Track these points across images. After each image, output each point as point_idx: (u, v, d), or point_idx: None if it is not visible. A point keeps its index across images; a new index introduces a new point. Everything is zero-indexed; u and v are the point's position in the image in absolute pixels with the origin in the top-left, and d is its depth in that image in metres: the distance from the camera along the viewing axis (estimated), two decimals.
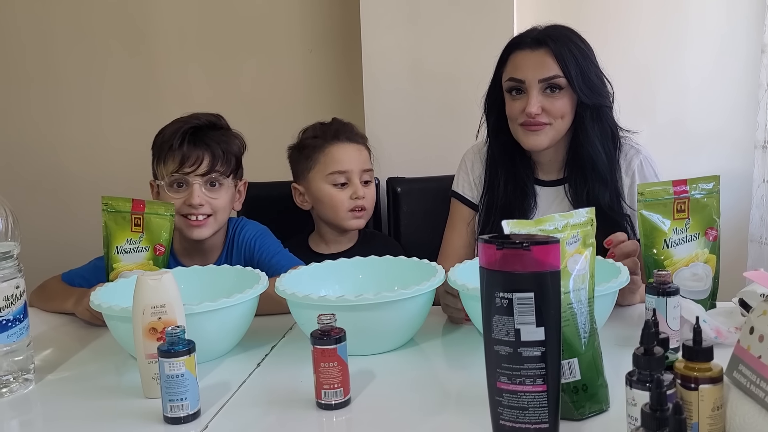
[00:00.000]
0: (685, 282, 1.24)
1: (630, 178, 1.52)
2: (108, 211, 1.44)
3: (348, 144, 1.68)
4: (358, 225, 1.69)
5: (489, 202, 1.59)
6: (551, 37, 1.48)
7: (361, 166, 1.67)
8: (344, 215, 1.66)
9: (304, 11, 2.23)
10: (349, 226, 1.68)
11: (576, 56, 1.48)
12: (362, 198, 1.65)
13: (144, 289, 1.06)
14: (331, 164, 1.66)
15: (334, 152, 1.66)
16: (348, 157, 1.66)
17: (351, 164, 1.66)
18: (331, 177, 1.66)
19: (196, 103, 2.07)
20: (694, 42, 2.06)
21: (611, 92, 1.53)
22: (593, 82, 1.49)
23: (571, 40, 1.50)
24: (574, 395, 0.93)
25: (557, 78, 1.47)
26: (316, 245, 1.76)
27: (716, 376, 0.80)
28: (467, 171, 1.65)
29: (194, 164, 1.50)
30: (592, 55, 1.51)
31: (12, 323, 1.10)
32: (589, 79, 1.49)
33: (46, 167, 2.42)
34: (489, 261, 0.84)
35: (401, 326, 1.21)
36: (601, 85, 1.51)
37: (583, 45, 1.51)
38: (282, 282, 1.24)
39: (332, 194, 1.66)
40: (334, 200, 1.66)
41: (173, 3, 2.29)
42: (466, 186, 1.65)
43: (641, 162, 1.53)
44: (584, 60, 1.49)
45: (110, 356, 1.25)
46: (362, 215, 1.68)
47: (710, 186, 1.26)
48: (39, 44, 2.36)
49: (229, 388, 1.10)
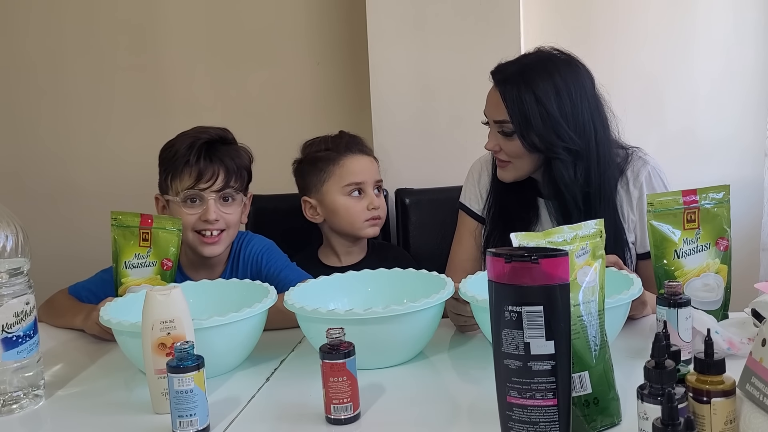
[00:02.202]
0: (696, 293, 1.22)
1: (638, 190, 1.49)
2: (117, 226, 1.45)
3: (361, 156, 1.72)
4: (375, 232, 1.73)
5: (494, 214, 1.58)
6: (508, 78, 1.42)
7: (375, 176, 1.72)
8: (361, 225, 1.70)
9: (312, 24, 2.24)
10: (366, 234, 1.72)
11: (525, 102, 1.38)
12: (378, 208, 1.71)
13: (153, 304, 1.06)
14: (347, 176, 1.69)
15: (348, 164, 1.69)
16: (363, 169, 1.70)
17: (365, 175, 1.70)
18: (348, 188, 1.69)
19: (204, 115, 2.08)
20: (702, 50, 2.06)
21: (591, 131, 1.41)
22: (541, 131, 1.39)
23: (531, 82, 1.39)
24: (586, 409, 0.92)
25: (505, 123, 1.43)
26: (327, 258, 1.77)
27: (729, 389, 0.80)
28: (474, 183, 1.65)
29: (210, 180, 1.50)
30: (564, 95, 1.39)
31: (22, 339, 1.10)
32: (537, 127, 1.39)
33: (55, 180, 2.44)
34: (498, 274, 0.84)
35: (411, 339, 1.20)
36: (552, 133, 1.39)
37: (548, 85, 1.39)
38: (291, 296, 1.24)
39: (349, 205, 1.69)
40: (350, 211, 1.69)
41: (182, 16, 2.31)
42: (473, 198, 1.65)
43: (649, 173, 1.50)
44: (538, 106, 1.38)
45: (120, 372, 1.25)
46: (377, 223, 1.72)
47: (720, 195, 1.25)
48: (49, 58, 2.38)
49: (238, 403, 1.10)
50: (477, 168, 1.66)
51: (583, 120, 1.42)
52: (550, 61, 1.44)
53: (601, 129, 1.44)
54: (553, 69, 1.42)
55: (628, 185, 1.50)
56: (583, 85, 1.43)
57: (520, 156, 1.45)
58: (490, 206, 1.59)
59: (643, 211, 1.46)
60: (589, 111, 1.43)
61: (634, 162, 1.51)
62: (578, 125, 1.41)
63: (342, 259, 1.75)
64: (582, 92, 1.42)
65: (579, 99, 1.41)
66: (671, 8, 2.06)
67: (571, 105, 1.40)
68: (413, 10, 2.03)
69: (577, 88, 1.42)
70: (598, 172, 1.44)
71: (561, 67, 1.43)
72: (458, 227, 1.68)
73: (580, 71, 1.45)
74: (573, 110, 1.40)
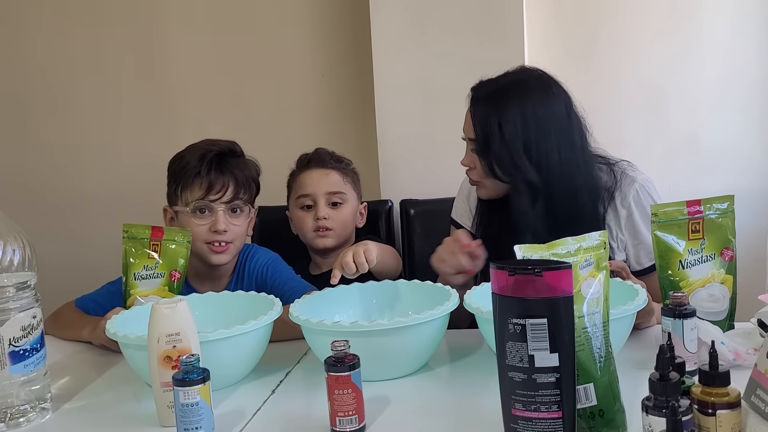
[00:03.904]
0: (701, 303, 1.22)
1: (626, 209, 1.44)
2: (128, 238, 1.46)
3: (315, 170, 1.76)
4: (324, 244, 1.74)
5: (483, 232, 1.55)
6: (480, 98, 1.42)
7: (327, 188, 1.74)
8: (311, 235, 1.74)
9: (316, 36, 2.26)
10: (317, 245, 1.75)
11: (489, 125, 1.37)
12: (323, 219, 1.72)
13: (159, 317, 1.07)
14: (298, 189, 1.76)
15: (301, 178, 1.76)
16: (312, 182, 1.74)
17: (315, 188, 1.73)
18: (299, 200, 1.75)
19: (211, 127, 2.10)
20: (706, 59, 2.06)
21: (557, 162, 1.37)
22: (499, 157, 1.37)
23: (499, 106, 1.37)
24: (591, 421, 0.91)
25: (474, 141, 1.43)
26: (312, 269, 1.81)
27: (734, 401, 0.79)
28: (464, 199, 1.64)
29: (220, 191, 1.52)
30: (531, 123, 1.36)
31: (29, 353, 1.11)
32: (495, 153, 1.37)
33: (63, 192, 2.45)
34: (501, 287, 0.84)
35: (415, 351, 1.21)
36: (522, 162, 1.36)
37: (515, 112, 1.36)
38: (296, 308, 1.24)
39: (299, 216, 1.76)
40: (300, 222, 1.75)
41: (187, 30, 2.33)
42: (463, 214, 1.64)
43: (637, 191, 1.44)
44: (500, 131, 1.36)
45: (126, 384, 1.26)
46: (327, 234, 1.73)
47: (725, 206, 1.25)
48: (58, 72, 2.41)
49: (243, 416, 1.10)
50: (467, 184, 1.63)
51: (546, 149, 1.37)
52: (525, 84, 1.41)
53: (570, 156, 1.39)
54: (525, 94, 1.39)
55: (616, 205, 1.45)
56: (553, 111, 1.39)
57: (487, 177, 1.43)
58: (478, 224, 1.58)
59: (634, 230, 1.45)
60: (555, 139, 1.38)
61: (623, 180, 1.46)
62: (540, 155, 1.37)
63: (323, 267, 1.78)
64: (550, 119, 1.38)
65: (546, 127, 1.37)
66: (674, 17, 2.06)
67: (536, 133, 1.37)
68: (417, 21, 2.04)
69: (546, 115, 1.38)
70: (567, 201, 1.39)
71: (534, 93, 1.39)
72: None
73: (552, 96, 1.40)
74: (536, 139, 1.37)
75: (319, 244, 1.74)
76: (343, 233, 1.75)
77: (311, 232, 1.73)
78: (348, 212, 1.75)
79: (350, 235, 1.79)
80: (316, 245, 1.74)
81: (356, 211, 1.79)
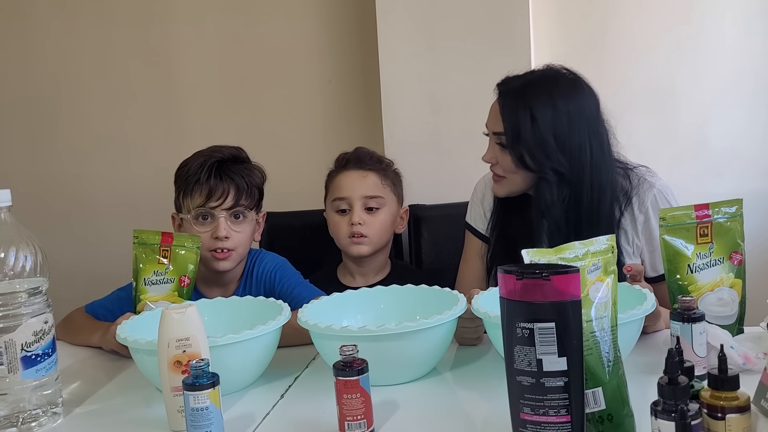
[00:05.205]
0: (710, 307, 1.22)
1: (644, 215, 1.46)
2: (138, 244, 1.47)
3: (353, 171, 1.68)
4: (359, 251, 1.67)
5: (497, 234, 1.56)
6: (510, 91, 1.42)
7: (364, 192, 1.66)
8: (345, 241, 1.67)
9: (323, 42, 2.27)
10: (351, 252, 1.68)
11: (520, 116, 1.38)
12: (358, 224, 1.64)
13: (169, 322, 1.07)
14: (334, 191, 1.69)
15: (338, 180, 1.69)
16: (348, 184, 1.67)
17: (350, 191, 1.66)
18: (334, 204, 1.68)
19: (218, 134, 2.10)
20: (714, 63, 2.06)
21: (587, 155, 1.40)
22: (530, 148, 1.38)
23: (530, 98, 1.39)
24: (600, 425, 0.91)
25: (501, 135, 1.42)
26: (343, 277, 1.75)
27: (743, 404, 0.79)
28: (478, 203, 1.64)
29: (220, 198, 1.52)
30: (561, 116, 1.38)
31: (41, 358, 1.12)
32: (526, 144, 1.38)
33: (72, 200, 2.47)
34: (509, 291, 0.84)
35: (424, 356, 1.21)
36: (552, 152, 1.38)
37: (546, 104, 1.38)
38: (304, 312, 1.24)
39: (335, 221, 1.69)
40: (335, 227, 1.69)
41: (195, 36, 2.34)
42: (477, 218, 1.64)
43: (655, 197, 1.46)
44: (531, 122, 1.37)
45: (136, 389, 1.27)
46: (361, 241, 1.65)
47: (733, 209, 1.25)
48: (66, 80, 2.43)
49: (253, 420, 1.10)
50: (481, 187, 1.66)
51: (578, 143, 1.39)
52: (555, 79, 1.43)
53: (599, 153, 1.41)
54: (554, 88, 1.41)
55: (633, 209, 1.47)
56: (583, 107, 1.41)
57: (513, 171, 1.44)
58: (493, 226, 1.58)
59: (651, 236, 1.45)
60: (587, 134, 1.40)
61: (641, 185, 1.48)
62: (572, 148, 1.39)
63: (356, 279, 1.73)
64: (581, 114, 1.40)
65: (577, 121, 1.39)
66: (682, 22, 2.06)
67: (567, 126, 1.38)
68: (424, 27, 2.05)
69: (577, 110, 1.40)
70: (591, 197, 1.41)
71: (563, 87, 1.41)
72: (465, 246, 1.67)
73: (583, 93, 1.43)
74: (568, 132, 1.39)
75: (354, 252, 1.66)
76: (379, 241, 1.68)
77: (346, 238, 1.66)
78: (385, 218, 1.68)
79: (387, 242, 1.72)
80: (351, 252, 1.67)
81: (396, 216, 1.71)
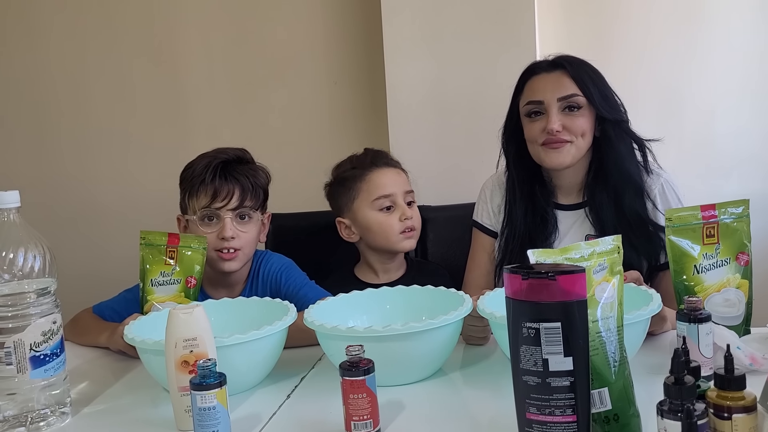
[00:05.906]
0: (717, 308, 1.22)
1: (651, 202, 1.52)
2: (145, 245, 1.48)
3: (387, 168, 1.69)
4: (411, 245, 1.68)
5: (509, 232, 1.59)
6: (566, 60, 1.54)
7: (404, 187, 1.68)
8: (396, 238, 1.66)
9: (329, 43, 2.28)
10: (402, 248, 1.68)
11: (591, 76, 1.52)
12: (411, 218, 1.66)
13: (176, 322, 1.08)
14: (374, 190, 1.66)
15: (375, 178, 1.67)
16: (390, 181, 1.67)
17: (394, 187, 1.66)
18: (378, 202, 1.66)
19: (224, 136, 2.12)
20: (720, 63, 2.06)
21: (624, 112, 1.57)
22: (610, 98, 1.53)
23: (585, 63, 1.55)
24: (606, 425, 0.92)
25: (575, 96, 1.50)
26: (364, 275, 1.74)
27: (750, 404, 0.79)
28: (486, 200, 1.67)
29: (225, 198, 1.53)
30: (604, 79, 1.56)
31: (49, 358, 1.13)
32: (607, 96, 1.53)
33: (78, 203, 2.48)
34: (515, 291, 0.84)
35: (429, 356, 1.21)
36: (616, 104, 1.55)
37: (595, 69, 1.56)
38: (310, 313, 1.25)
39: (381, 220, 1.66)
40: (383, 225, 1.66)
41: (201, 37, 2.35)
42: (485, 215, 1.67)
43: (662, 186, 1.53)
44: (599, 80, 1.53)
45: (144, 389, 1.27)
46: (412, 235, 1.67)
47: (740, 210, 1.25)
48: (70, 82, 2.44)
49: (259, 420, 1.11)
50: (489, 186, 1.68)
51: (621, 104, 1.56)
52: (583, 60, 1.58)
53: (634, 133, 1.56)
54: (588, 64, 1.56)
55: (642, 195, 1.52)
56: None
57: (584, 132, 1.50)
58: (506, 224, 1.60)
59: (655, 222, 1.47)
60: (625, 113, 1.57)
61: (649, 173, 1.55)
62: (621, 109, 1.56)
63: (381, 277, 1.72)
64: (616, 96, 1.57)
65: (617, 100, 1.55)
66: (688, 22, 2.06)
67: (614, 99, 1.55)
68: (429, 29, 2.06)
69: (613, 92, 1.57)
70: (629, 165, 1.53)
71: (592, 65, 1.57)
72: (472, 245, 1.69)
73: None
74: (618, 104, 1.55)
75: (406, 247, 1.67)
76: (419, 233, 1.70)
77: (397, 235, 1.65)
78: (419, 212, 1.71)
79: None
80: (402, 248, 1.67)
81: None
